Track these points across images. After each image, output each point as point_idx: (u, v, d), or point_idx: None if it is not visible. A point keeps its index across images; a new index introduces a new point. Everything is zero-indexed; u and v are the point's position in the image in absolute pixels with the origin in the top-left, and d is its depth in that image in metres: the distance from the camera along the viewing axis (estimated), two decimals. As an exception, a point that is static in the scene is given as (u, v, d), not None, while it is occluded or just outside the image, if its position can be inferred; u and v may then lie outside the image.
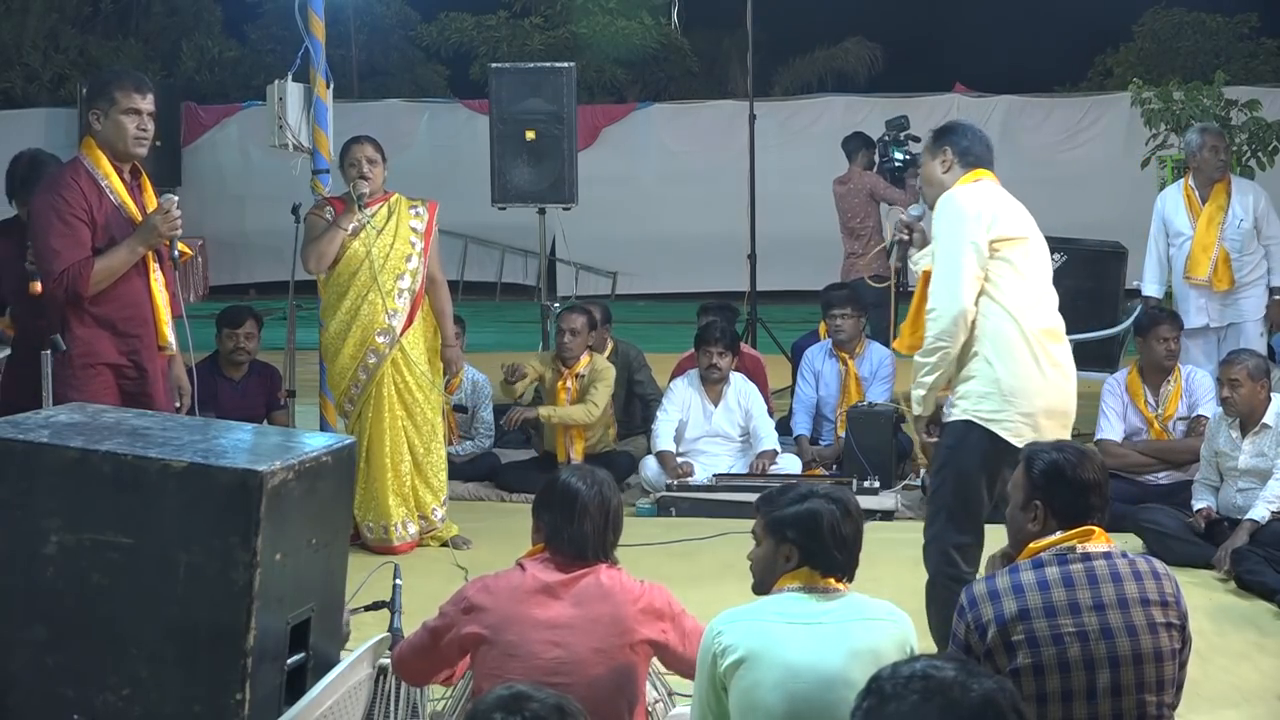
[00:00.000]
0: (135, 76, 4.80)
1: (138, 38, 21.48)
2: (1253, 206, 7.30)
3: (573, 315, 7.43)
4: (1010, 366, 4.18)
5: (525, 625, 3.22)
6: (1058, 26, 21.43)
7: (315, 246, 6.12)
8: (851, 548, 3.09)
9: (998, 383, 4.18)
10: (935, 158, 4.45)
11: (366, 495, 6.18)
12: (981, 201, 4.27)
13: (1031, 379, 4.19)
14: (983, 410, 4.20)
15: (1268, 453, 5.79)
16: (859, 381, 7.71)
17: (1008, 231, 4.25)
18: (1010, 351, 4.19)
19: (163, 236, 4.66)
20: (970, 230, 4.20)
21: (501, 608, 3.26)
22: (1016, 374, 4.18)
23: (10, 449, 2.98)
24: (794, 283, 9.87)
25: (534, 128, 8.23)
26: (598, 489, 3.36)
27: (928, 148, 4.53)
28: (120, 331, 4.70)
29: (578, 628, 3.23)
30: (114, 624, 2.90)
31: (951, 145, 4.42)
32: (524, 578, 3.29)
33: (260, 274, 16.01)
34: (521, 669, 3.19)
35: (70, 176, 4.64)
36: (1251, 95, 9.60)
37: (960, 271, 4.18)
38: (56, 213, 4.57)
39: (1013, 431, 4.15)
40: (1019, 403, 4.17)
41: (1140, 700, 2.94)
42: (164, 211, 4.65)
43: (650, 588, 3.37)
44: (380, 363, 6.15)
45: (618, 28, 20.06)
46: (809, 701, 2.91)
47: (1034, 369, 4.20)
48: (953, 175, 4.40)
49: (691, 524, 6.64)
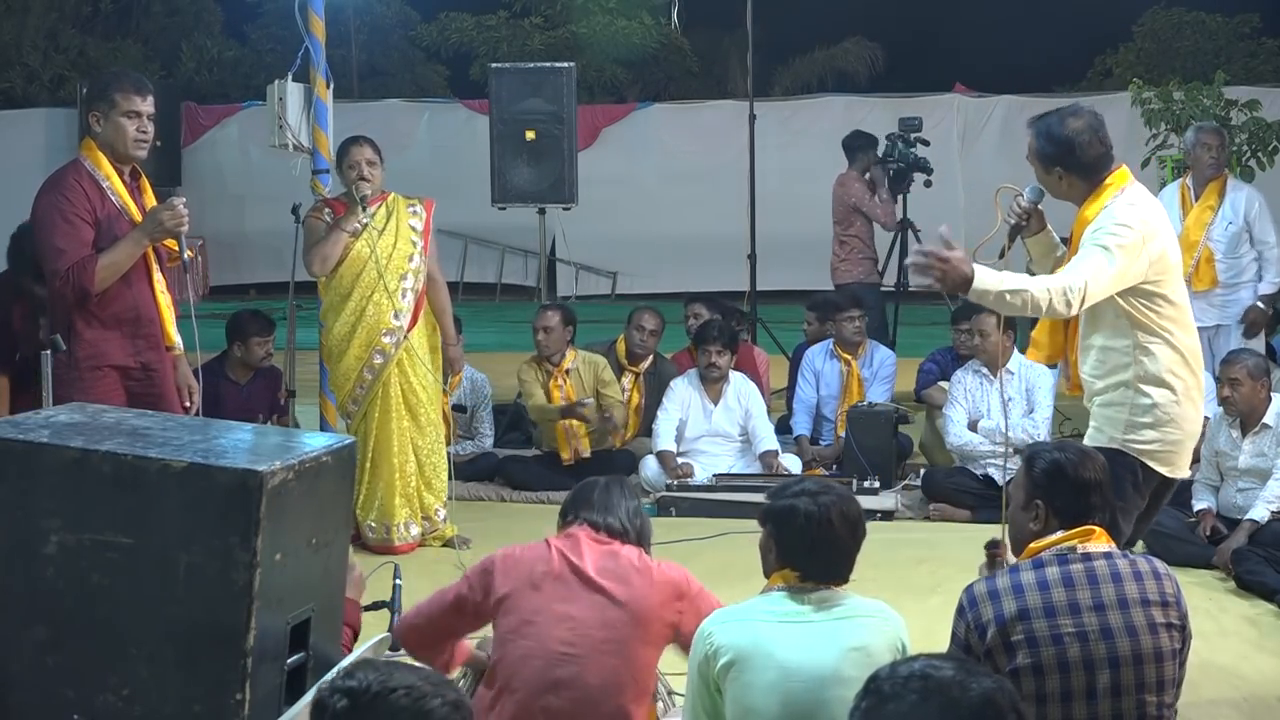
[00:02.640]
0: (135, 78, 4.79)
1: (137, 38, 21.49)
2: (1244, 209, 7.27)
3: (545, 314, 7.46)
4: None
5: (541, 592, 3.30)
6: (1058, 26, 21.43)
7: (319, 250, 6.11)
8: (832, 552, 3.06)
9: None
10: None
11: (370, 495, 6.17)
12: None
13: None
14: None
15: (1268, 452, 5.79)
16: (861, 381, 7.72)
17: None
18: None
19: (168, 232, 4.66)
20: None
21: (525, 570, 3.35)
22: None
23: (10, 449, 2.97)
24: (794, 282, 9.87)
25: (534, 128, 8.23)
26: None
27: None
28: (126, 333, 4.70)
29: (597, 606, 3.29)
30: (114, 624, 2.90)
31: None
32: (550, 552, 3.38)
33: (260, 274, 16.00)
34: (532, 635, 3.27)
35: (72, 177, 4.64)
36: (1251, 95, 9.60)
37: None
38: (60, 212, 4.57)
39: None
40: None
41: (1140, 700, 2.94)
42: (171, 208, 4.64)
43: (669, 566, 3.46)
44: (386, 363, 6.15)
45: (618, 28, 20.06)
46: (803, 700, 2.91)
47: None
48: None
49: (691, 524, 6.63)
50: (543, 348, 7.37)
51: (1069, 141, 3.92)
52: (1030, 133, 4.04)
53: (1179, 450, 3.96)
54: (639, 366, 7.67)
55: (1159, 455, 3.91)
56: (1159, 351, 3.89)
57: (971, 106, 16.33)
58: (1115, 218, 3.85)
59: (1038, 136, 3.99)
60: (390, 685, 1.97)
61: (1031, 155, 4.02)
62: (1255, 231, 7.29)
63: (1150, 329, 3.89)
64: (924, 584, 5.60)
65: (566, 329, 7.38)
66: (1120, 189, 3.93)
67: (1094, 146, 3.93)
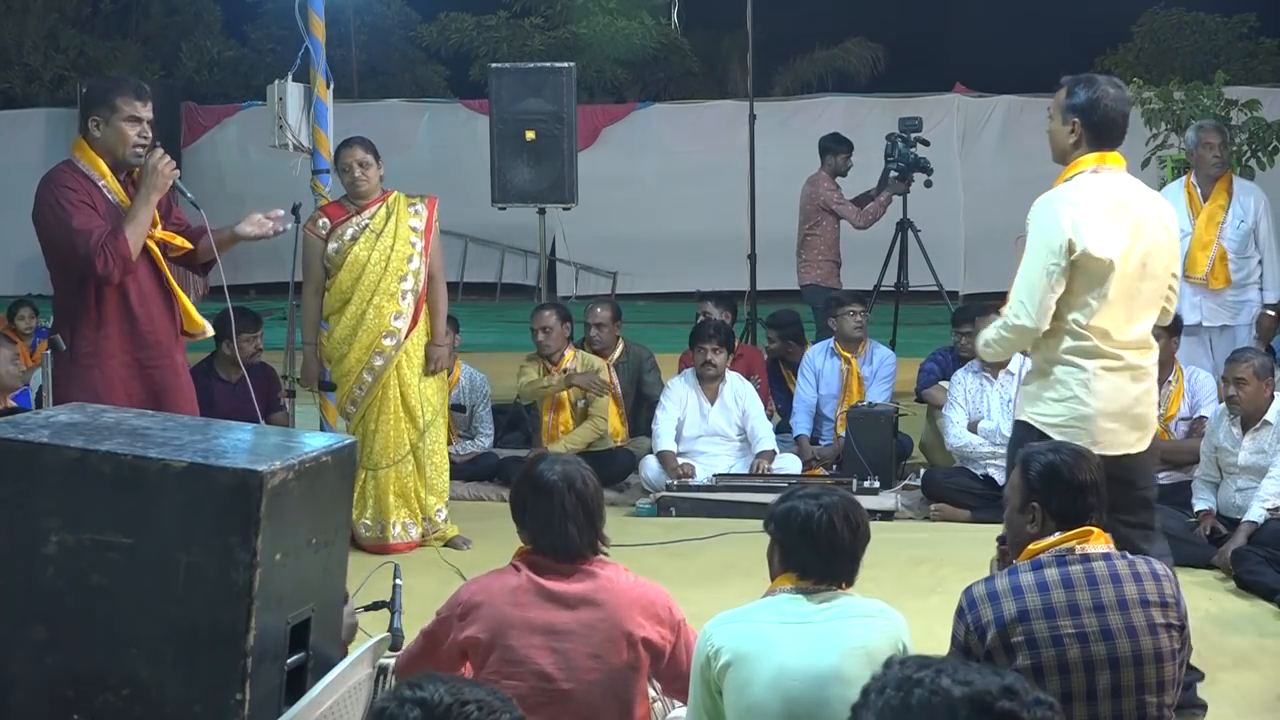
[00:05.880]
0: (135, 84, 4.77)
1: (137, 38, 21.51)
2: (1253, 209, 7.30)
3: (543, 313, 7.45)
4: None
5: (523, 631, 3.22)
6: (1058, 26, 21.43)
7: (308, 274, 6.23)
8: (835, 554, 3.06)
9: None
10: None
11: (364, 493, 6.18)
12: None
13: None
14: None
15: (1267, 449, 5.79)
16: (861, 380, 7.72)
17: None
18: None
19: (167, 178, 4.63)
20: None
21: (498, 611, 3.25)
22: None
23: (10, 449, 2.97)
24: (794, 282, 9.87)
25: (534, 128, 8.23)
26: (569, 486, 3.28)
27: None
28: (125, 328, 4.69)
29: (576, 633, 3.22)
30: (114, 624, 2.90)
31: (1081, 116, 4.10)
32: (519, 579, 3.28)
33: (260, 274, 15.98)
34: (521, 675, 3.19)
35: (66, 173, 4.64)
36: (1251, 95, 9.61)
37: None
38: (65, 201, 4.56)
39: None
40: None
41: (1140, 701, 2.94)
42: (156, 158, 4.60)
43: (649, 587, 3.36)
44: (386, 365, 6.16)
45: (618, 28, 20.06)
46: (804, 699, 2.91)
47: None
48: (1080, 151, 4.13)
49: (691, 524, 6.64)
50: (543, 347, 7.36)
51: (1097, 100, 4.06)
52: (1063, 85, 4.17)
53: (1088, 425, 4.00)
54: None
55: (1065, 430, 3.97)
56: (1063, 337, 4.03)
57: (971, 106, 16.34)
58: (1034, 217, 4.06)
59: (1074, 84, 4.12)
60: (463, 699, 1.95)
61: (1056, 106, 4.16)
62: (1260, 233, 7.31)
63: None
64: (924, 584, 5.61)
65: (564, 326, 7.37)
66: (1079, 172, 4.08)
67: (1116, 119, 4.09)
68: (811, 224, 9.18)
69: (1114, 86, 4.14)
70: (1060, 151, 4.18)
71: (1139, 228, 4.06)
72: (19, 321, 9.40)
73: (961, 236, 15.59)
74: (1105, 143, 4.10)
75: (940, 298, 9.77)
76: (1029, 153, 15.91)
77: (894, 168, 9.34)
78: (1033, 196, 4.21)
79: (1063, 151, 4.17)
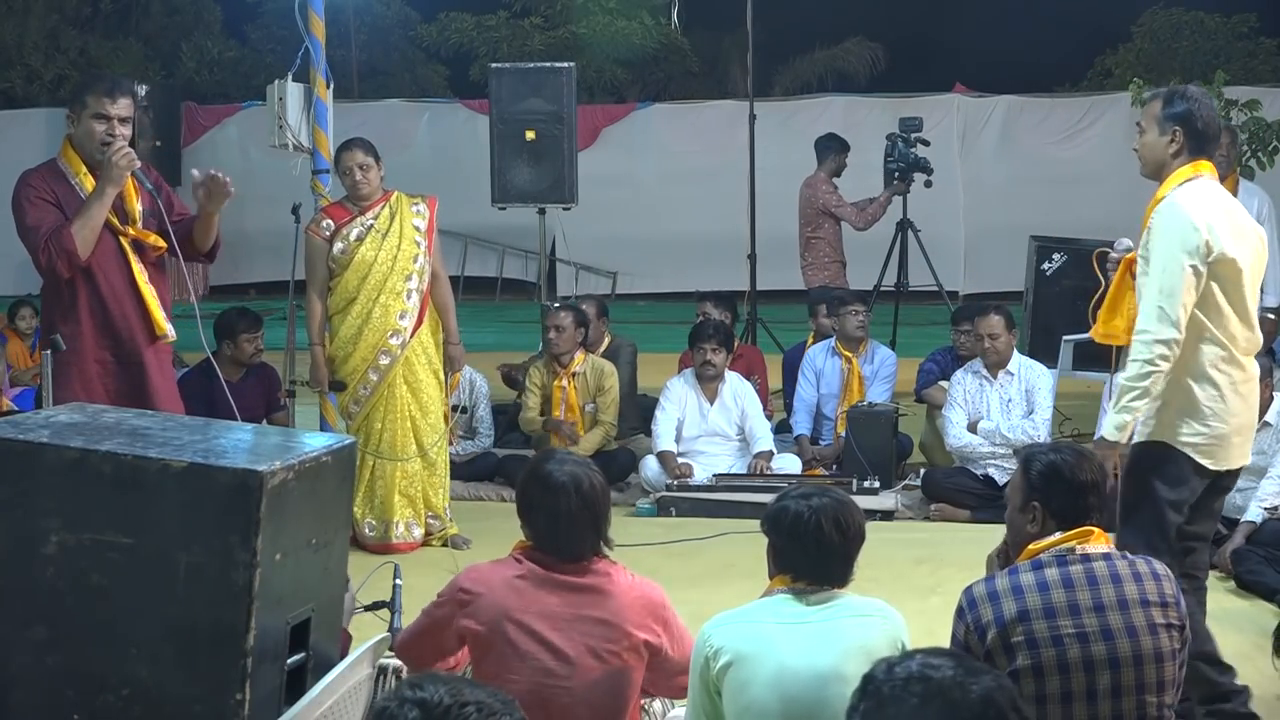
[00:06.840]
0: (110, 80, 4.75)
1: (138, 38, 21.51)
2: (1258, 209, 7.29)
3: (558, 313, 7.44)
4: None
5: (522, 625, 3.21)
6: (1058, 26, 21.44)
7: (312, 276, 6.21)
8: (825, 555, 3.05)
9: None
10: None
11: (369, 494, 6.18)
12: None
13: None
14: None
15: (1267, 450, 5.79)
16: (862, 380, 7.71)
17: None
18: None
19: (123, 170, 4.58)
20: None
21: (497, 603, 3.24)
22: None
23: (10, 449, 2.97)
24: (794, 282, 9.87)
25: (534, 128, 8.23)
26: (576, 488, 3.26)
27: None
28: (102, 325, 4.69)
29: (577, 630, 3.22)
30: (114, 624, 2.90)
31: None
32: (521, 570, 3.28)
33: (260, 274, 16.01)
34: (521, 670, 3.19)
35: (35, 172, 4.69)
36: (1251, 95, 9.61)
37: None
38: (24, 199, 4.62)
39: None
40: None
41: (1140, 701, 2.94)
42: (109, 159, 4.55)
43: (649, 587, 3.35)
44: (393, 364, 6.16)
45: (618, 28, 20.07)
46: (803, 699, 2.91)
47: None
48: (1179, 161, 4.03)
49: (691, 524, 6.64)
50: (553, 345, 7.35)
51: (1197, 108, 3.97)
52: (1153, 98, 4.08)
53: (1223, 444, 3.95)
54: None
55: (1202, 449, 3.92)
56: (1203, 348, 3.92)
57: (971, 106, 16.33)
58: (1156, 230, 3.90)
59: (1169, 95, 4.03)
60: (462, 700, 1.95)
61: (1150, 118, 4.03)
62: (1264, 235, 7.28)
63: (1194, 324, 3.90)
64: (924, 584, 5.61)
65: (578, 330, 7.37)
66: (1187, 179, 3.95)
67: (1215, 126, 4.01)
68: (813, 227, 9.16)
69: (1204, 95, 4.07)
70: (1157, 163, 4.03)
71: (1246, 235, 4.01)
72: (19, 321, 9.42)
73: (961, 236, 15.59)
74: (1203, 151, 4.01)
75: (940, 297, 9.78)
76: (1029, 153, 16.00)
77: (894, 168, 9.33)
78: (1033, 196, 4.22)
79: (1160, 163, 4.02)
